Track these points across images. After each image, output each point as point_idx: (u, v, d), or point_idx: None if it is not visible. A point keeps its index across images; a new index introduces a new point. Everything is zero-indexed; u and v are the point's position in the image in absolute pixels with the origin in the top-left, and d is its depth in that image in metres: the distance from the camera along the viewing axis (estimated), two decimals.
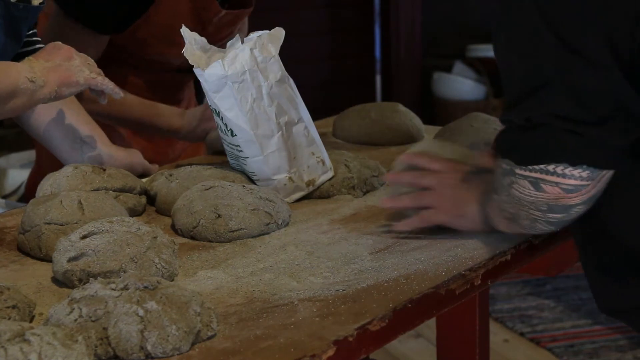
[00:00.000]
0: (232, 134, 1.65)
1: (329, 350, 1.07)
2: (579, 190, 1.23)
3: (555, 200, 1.24)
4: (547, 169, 1.21)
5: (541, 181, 1.23)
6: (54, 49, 1.61)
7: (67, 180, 1.60)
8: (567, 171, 1.21)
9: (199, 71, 1.62)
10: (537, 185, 1.24)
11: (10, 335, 0.95)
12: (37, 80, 1.54)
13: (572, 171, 1.21)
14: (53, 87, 1.56)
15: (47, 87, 1.56)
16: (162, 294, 1.08)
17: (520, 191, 1.26)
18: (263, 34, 1.64)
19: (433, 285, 1.26)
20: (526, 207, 1.28)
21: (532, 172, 1.23)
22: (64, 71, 1.58)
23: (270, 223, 1.51)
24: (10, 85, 1.52)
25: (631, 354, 3.27)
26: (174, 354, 1.06)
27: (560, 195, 1.23)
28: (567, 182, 1.22)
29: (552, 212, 1.27)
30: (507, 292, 3.79)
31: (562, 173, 1.21)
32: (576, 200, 1.24)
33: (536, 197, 1.25)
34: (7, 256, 1.43)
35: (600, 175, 1.22)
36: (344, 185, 1.71)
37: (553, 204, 1.25)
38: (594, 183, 1.23)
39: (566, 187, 1.22)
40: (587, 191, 1.23)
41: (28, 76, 1.54)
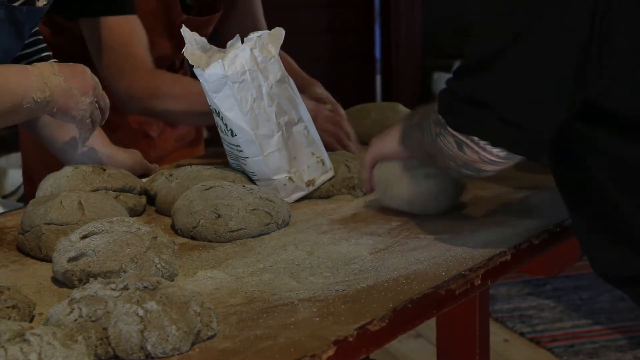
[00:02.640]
0: (232, 134, 1.65)
1: (329, 350, 1.07)
2: (494, 164, 1.35)
3: (472, 162, 1.35)
4: (472, 138, 1.32)
5: (465, 145, 1.33)
6: (80, 75, 1.60)
7: (67, 180, 1.60)
8: (488, 147, 1.32)
9: (199, 71, 1.62)
10: (461, 146, 1.34)
11: (10, 335, 0.95)
12: (42, 102, 1.54)
13: (491, 149, 1.32)
14: (52, 108, 1.56)
15: (48, 106, 1.55)
16: (162, 294, 1.08)
17: (444, 144, 1.37)
18: (263, 34, 1.64)
19: (433, 285, 1.26)
20: (444, 156, 1.38)
21: (459, 135, 1.34)
22: (71, 102, 1.57)
23: (270, 223, 1.51)
24: (12, 106, 1.52)
25: (631, 354, 3.27)
26: (174, 354, 1.06)
27: (477, 161, 1.35)
28: (486, 155, 1.33)
29: (465, 168, 1.38)
30: (507, 292, 3.79)
31: (484, 147, 1.32)
32: (489, 168, 1.36)
33: (456, 154, 1.36)
34: (7, 256, 1.43)
35: (516, 157, 1.34)
36: (344, 185, 1.71)
37: (469, 164, 1.36)
38: (509, 162, 1.35)
39: (484, 158, 1.34)
40: (501, 166, 1.36)
41: (35, 97, 1.53)
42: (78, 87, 1.58)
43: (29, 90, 1.52)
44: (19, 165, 3.84)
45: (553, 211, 1.57)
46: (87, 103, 1.59)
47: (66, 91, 1.56)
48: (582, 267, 3.79)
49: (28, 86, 1.53)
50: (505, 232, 1.48)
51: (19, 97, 1.52)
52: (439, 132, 1.37)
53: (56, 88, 1.55)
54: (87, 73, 1.61)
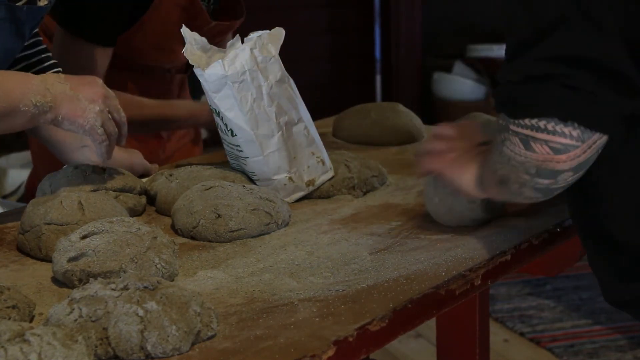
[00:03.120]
0: (232, 134, 1.65)
1: (329, 350, 1.07)
2: (567, 151, 1.20)
3: (543, 162, 1.22)
4: (538, 125, 1.19)
5: (531, 139, 1.20)
6: (88, 84, 1.55)
7: (67, 180, 1.60)
8: (558, 128, 1.18)
9: (199, 71, 1.62)
10: (527, 143, 1.21)
11: (10, 335, 0.95)
12: (42, 106, 1.48)
13: (562, 128, 1.18)
14: (57, 115, 1.50)
15: (51, 112, 1.50)
16: (162, 294, 1.08)
17: (511, 149, 1.24)
18: (263, 34, 1.64)
19: (433, 285, 1.26)
20: (516, 168, 1.25)
21: (523, 129, 1.21)
22: (78, 108, 1.51)
23: (270, 223, 1.51)
24: (8, 107, 1.47)
25: (631, 354, 3.27)
26: (174, 354, 1.06)
27: (548, 156, 1.21)
28: (557, 139, 1.19)
29: (539, 176, 1.24)
30: (507, 292, 3.79)
31: (553, 130, 1.18)
32: (564, 165, 1.21)
33: (525, 157, 1.22)
34: (7, 256, 1.43)
35: (591, 138, 1.19)
36: (344, 185, 1.71)
37: (541, 166, 1.22)
38: (583, 147, 1.20)
39: (555, 146, 1.19)
40: (576, 155, 1.20)
41: (35, 100, 1.48)
42: (85, 95, 1.52)
43: (27, 93, 1.48)
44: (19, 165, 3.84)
45: (553, 211, 1.57)
46: (95, 111, 1.52)
47: (71, 98, 1.51)
48: (582, 267, 3.79)
49: (26, 89, 1.48)
50: (505, 232, 1.48)
51: (16, 99, 1.47)
52: (503, 139, 1.25)
53: (60, 94, 1.50)
54: (97, 82, 1.56)
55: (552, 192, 1.28)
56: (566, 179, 1.24)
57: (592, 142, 1.20)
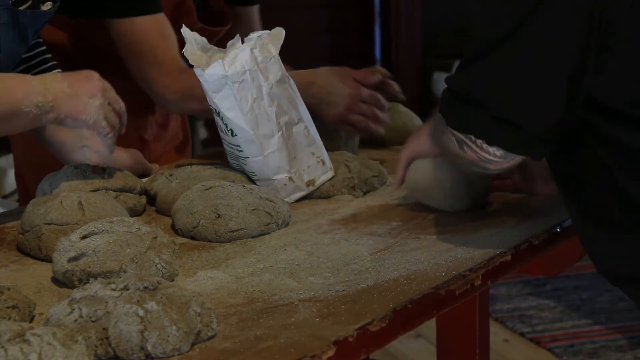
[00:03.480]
0: (232, 133, 1.65)
1: (329, 350, 1.07)
2: (492, 162, 1.34)
3: (474, 161, 1.36)
4: (469, 137, 1.33)
5: (464, 144, 1.34)
6: (85, 79, 1.54)
7: (67, 180, 1.60)
8: (484, 146, 1.32)
9: (199, 71, 1.62)
10: (461, 145, 1.35)
11: (11, 336, 0.95)
12: (44, 106, 1.49)
13: (488, 148, 1.32)
14: (59, 114, 1.50)
15: (53, 112, 1.50)
16: (162, 294, 1.08)
17: (448, 142, 1.37)
18: (263, 34, 1.64)
19: (433, 285, 1.26)
20: (452, 154, 1.39)
21: (457, 134, 1.34)
22: (79, 105, 1.51)
23: (271, 223, 1.51)
24: (11, 108, 1.47)
25: (631, 354, 3.27)
26: (174, 354, 1.06)
27: (477, 160, 1.35)
28: (484, 154, 1.33)
29: (471, 166, 1.38)
30: (507, 292, 3.79)
31: (480, 146, 1.32)
32: (492, 167, 1.36)
33: (459, 153, 1.36)
34: (7, 256, 1.43)
35: (512, 155, 1.34)
36: (344, 186, 1.71)
37: (472, 163, 1.36)
38: (508, 160, 1.34)
39: (482, 157, 1.34)
40: (501, 164, 1.35)
41: (35, 100, 1.48)
42: (84, 90, 1.52)
43: (28, 94, 1.48)
44: None
45: (553, 211, 1.57)
46: (96, 105, 1.52)
47: (71, 95, 1.51)
48: (582, 267, 3.79)
49: (27, 90, 1.48)
50: (505, 232, 1.48)
51: (17, 100, 1.47)
52: (443, 131, 1.37)
53: (60, 93, 1.50)
54: (94, 76, 1.55)
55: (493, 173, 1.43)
56: (494, 173, 1.40)
57: (515, 156, 1.34)
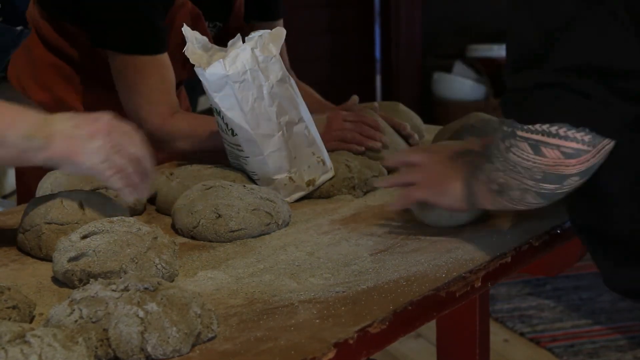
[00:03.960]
0: (233, 133, 1.65)
1: (329, 352, 1.07)
2: (579, 156, 1.21)
3: (553, 166, 1.23)
4: (549, 130, 1.20)
5: (542, 144, 1.21)
6: (92, 120, 1.40)
7: (68, 179, 1.60)
8: (570, 133, 1.19)
9: (200, 70, 1.62)
10: (537, 148, 1.22)
11: (11, 337, 0.95)
12: (34, 140, 1.34)
13: (574, 133, 1.19)
14: (53, 155, 1.36)
15: (44, 152, 1.35)
16: (163, 295, 1.08)
17: (518, 155, 1.24)
18: (264, 34, 1.64)
19: (433, 287, 1.26)
20: (520, 174, 1.26)
21: (533, 134, 1.22)
22: (75, 146, 1.36)
23: (271, 223, 1.50)
24: None
25: (631, 354, 3.27)
26: (174, 356, 1.06)
27: (559, 160, 1.22)
28: (569, 144, 1.20)
29: (545, 181, 1.25)
30: (507, 292, 3.79)
31: (564, 135, 1.19)
32: (574, 169, 1.22)
33: (534, 162, 1.23)
34: (8, 255, 1.43)
35: (601, 143, 1.21)
36: (345, 185, 1.71)
37: (549, 171, 1.23)
38: (593, 152, 1.21)
39: (566, 151, 1.21)
40: (586, 159, 1.22)
41: (25, 131, 1.34)
42: (86, 131, 1.38)
43: (16, 123, 1.35)
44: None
45: (553, 213, 1.57)
46: (95, 146, 1.37)
47: (69, 135, 1.37)
48: (582, 267, 3.79)
49: (17, 118, 1.36)
50: (505, 233, 1.48)
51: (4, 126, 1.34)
52: (509, 145, 1.25)
53: (57, 132, 1.36)
54: (103, 117, 1.40)
55: (557, 196, 1.29)
56: (572, 183, 1.25)
57: (602, 147, 1.22)
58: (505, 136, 1.26)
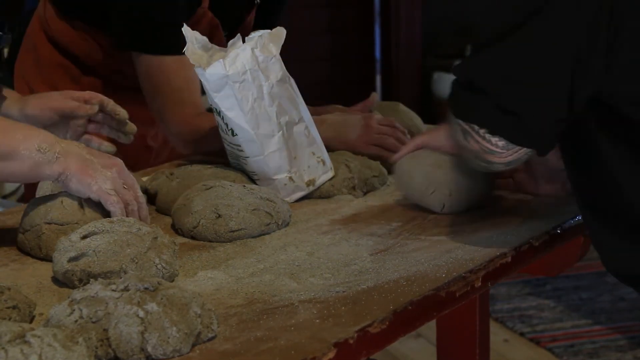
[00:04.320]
0: (233, 133, 1.65)
1: (329, 352, 1.07)
2: (494, 153, 1.33)
3: (477, 153, 1.34)
4: (472, 127, 1.32)
5: (468, 134, 1.33)
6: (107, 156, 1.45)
7: None
8: (487, 136, 1.31)
9: (200, 70, 1.62)
10: (465, 135, 1.34)
11: (11, 337, 0.95)
12: (47, 153, 1.37)
13: (490, 138, 1.31)
14: (64, 171, 1.38)
15: (57, 165, 1.38)
16: (163, 295, 1.08)
17: (454, 133, 1.37)
18: (264, 34, 1.64)
19: (433, 287, 1.26)
20: (459, 147, 1.38)
21: (462, 124, 1.33)
22: (88, 169, 1.39)
23: (271, 223, 1.50)
24: (8, 146, 1.37)
25: (631, 354, 3.27)
26: (175, 356, 1.06)
27: (481, 152, 1.33)
28: (486, 145, 1.32)
29: (477, 159, 1.36)
30: (507, 292, 3.79)
31: (483, 136, 1.31)
32: (496, 160, 1.34)
33: (464, 145, 1.35)
34: (8, 255, 1.43)
35: (515, 148, 1.32)
36: (345, 186, 1.71)
37: (477, 155, 1.35)
38: (510, 152, 1.32)
39: (485, 148, 1.32)
40: (504, 157, 1.33)
41: (38, 144, 1.37)
42: (99, 161, 1.42)
43: (30, 137, 1.38)
44: None
45: (553, 212, 1.57)
46: (107, 175, 1.41)
47: (84, 159, 1.40)
48: (582, 267, 3.79)
49: (31, 134, 1.39)
50: (505, 233, 1.48)
51: (16, 139, 1.37)
52: (451, 122, 1.37)
53: (71, 152, 1.39)
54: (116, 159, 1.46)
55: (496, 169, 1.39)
56: (499, 168, 1.37)
57: (518, 149, 1.32)
58: (450, 114, 1.37)
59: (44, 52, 2.09)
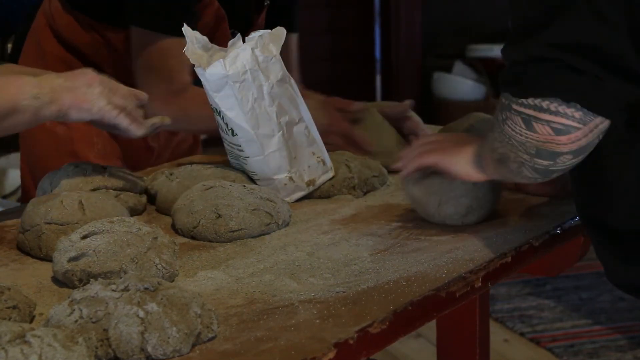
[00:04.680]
0: (233, 133, 1.65)
1: (329, 352, 1.07)
2: (569, 132, 1.21)
3: (544, 143, 1.23)
4: (540, 105, 1.20)
5: (533, 119, 1.21)
6: (80, 73, 1.54)
7: (67, 179, 1.60)
8: (560, 109, 1.19)
9: (200, 70, 1.62)
10: (529, 123, 1.22)
11: (11, 337, 0.95)
12: (42, 97, 1.47)
13: (565, 109, 1.19)
14: (62, 106, 1.49)
15: (54, 104, 1.48)
16: (163, 295, 1.08)
17: (512, 128, 1.25)
18: (264, 34, 1.64)
19: (433, 287, 1.26)
20: (516, 147, 1.26)
21: (526, 109, 1.22)
22: (79, 95, 1.50)
23: (271, 223, 1.50)
24: (9, 105, 1.45)
25: (631, 354, 3.27)
26: (175, 356, 1.06)
27: (549, 137, 1.22)
28: (558, 120, 1.20)
29: (539, 157, 1.25)
30: (507, 292, 3.79)
31: (555, 110, 1.19)
32: (565, 147, 1.22)
33: (526, 137, 1.24)
34: (8, 255, 1.43)
35: (592, 122, 1.20)
36: (345, 185, 1.71)
37: (541, 147, 1.24)
38: (585, 130, 1.21)
39: (556, 127, 1.21)
40: (577, 137, 1.21)
41: (31, 92, 1.47)
42: (81, 82, 1.52)
43: (22, 87, 1.47)
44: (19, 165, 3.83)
45: (553, 213, 1.57)
46: (96, 92, 1.51)
47: (69, 87, 1.50)
48: (582, 267, 3.79)
49: (20, 84, 1.47)
50: (505, 233, 1.48)
51: (12, 94, 1.46)
52: (505, 118, 1.26)
53: (57, 86, 1.49)
54: (88, 70, 1.55)
55: (551, 173, 1.29)
56: (565, 161, 1.25)
57: (594, 126, 1.21)
58: (503, 108, 1.26)
59: (49, 47, 2.09)
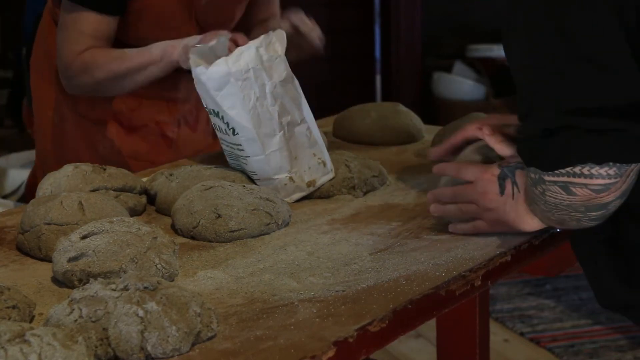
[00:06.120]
0: (234, 132, 1.65)
1: (329, 351, 1.07)
2: (608, 189, 1.21)
3: (589, 201, 1.23)
4: (573, 171, 1.20)
5: (570, 184, 1.21)
6: None
7: (67, 179, 1.60)
8: (594, 171, 1.19)
9: (202, 69, 1.62)
10: (567, 189, 1.22)
11: (11, 336, 0.95)
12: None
13: (598, 170, 1.19)
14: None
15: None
16: (163, 294, 1.08)
17: (554, 197, 1.25)
18: (270, 34, 1.64)
19: (433, 286, 1.26)
20: (566, 210, 1.26)
21: (559, 177, 1.22)
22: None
23: (271, 223, 1.50)
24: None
25: (631, 354, 3.27)
26: (174, 355, 1.06)
27: (591, 196, 1.22)
28: (596, 182, 1.20)
29: (590, 211, 1.25)
30: (507, 292, 3.79)
31: (589, 173, 1.19)
32: (609, 197, 1.22)
33: (570, 201, 1.24)
34: (8, 255, 1.43)
35: (628, 169, 1.20)
36: (344, 186, 1.71)
37: (588, 204, 1.23)
38: (623, 178, 1.21)
39: (595, 188, 1.21)
40: (618, 187, 1.21)
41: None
42: None
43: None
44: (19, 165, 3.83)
45: None
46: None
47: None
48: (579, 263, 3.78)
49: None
50: (505, 232, 1.47)
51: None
52: (542, 190, 1.26)
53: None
54: None
55: (611, 212, 1.27)
56: (616, 205, 1.25)
57: (630, 171, 1.21)
58: (535, 182, 1.26)
59: (54, 42, 2.09)
